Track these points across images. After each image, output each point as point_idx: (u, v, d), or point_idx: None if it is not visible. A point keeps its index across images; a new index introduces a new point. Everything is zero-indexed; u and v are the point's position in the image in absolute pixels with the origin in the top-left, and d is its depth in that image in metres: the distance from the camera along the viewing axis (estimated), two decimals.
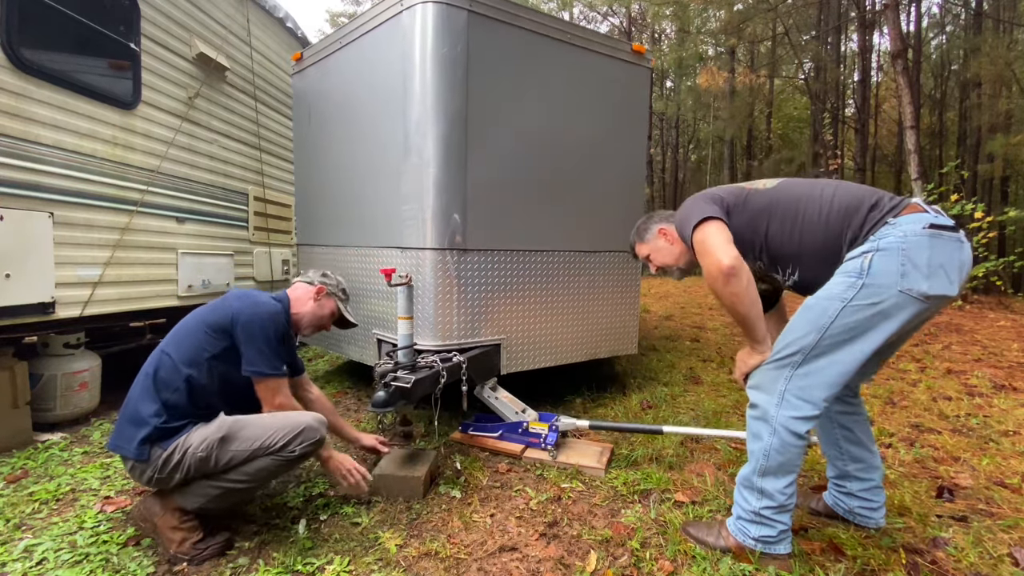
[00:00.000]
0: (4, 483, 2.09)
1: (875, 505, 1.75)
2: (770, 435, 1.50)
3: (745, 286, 1.47)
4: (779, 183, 1.67)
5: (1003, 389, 3.48)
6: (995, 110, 14.16)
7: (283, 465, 1.64)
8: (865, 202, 1.50)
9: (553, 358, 2.96)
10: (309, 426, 1.67)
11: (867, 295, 1.38)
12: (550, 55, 2.82)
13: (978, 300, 7.01)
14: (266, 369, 1.72)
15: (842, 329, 1.42)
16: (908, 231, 1.38)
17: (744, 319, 1.50)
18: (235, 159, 4.20)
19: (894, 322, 1.39)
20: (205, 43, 3.77)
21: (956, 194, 7.34)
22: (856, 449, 1.74)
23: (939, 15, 19.35)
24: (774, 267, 1.67)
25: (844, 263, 1.47)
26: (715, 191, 1.70)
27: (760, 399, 1.54)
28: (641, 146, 3.34)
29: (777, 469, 1.51)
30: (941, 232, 1.37)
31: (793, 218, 1.57)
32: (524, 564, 1.62)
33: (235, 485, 1.61)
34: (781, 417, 1.49)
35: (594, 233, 3.11)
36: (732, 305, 1.49)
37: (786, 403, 1.48)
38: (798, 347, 1.47)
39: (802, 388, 1.47)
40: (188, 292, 3.58)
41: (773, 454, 1.50)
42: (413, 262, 2.56)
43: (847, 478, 1.77)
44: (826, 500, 1.86)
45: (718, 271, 1.47)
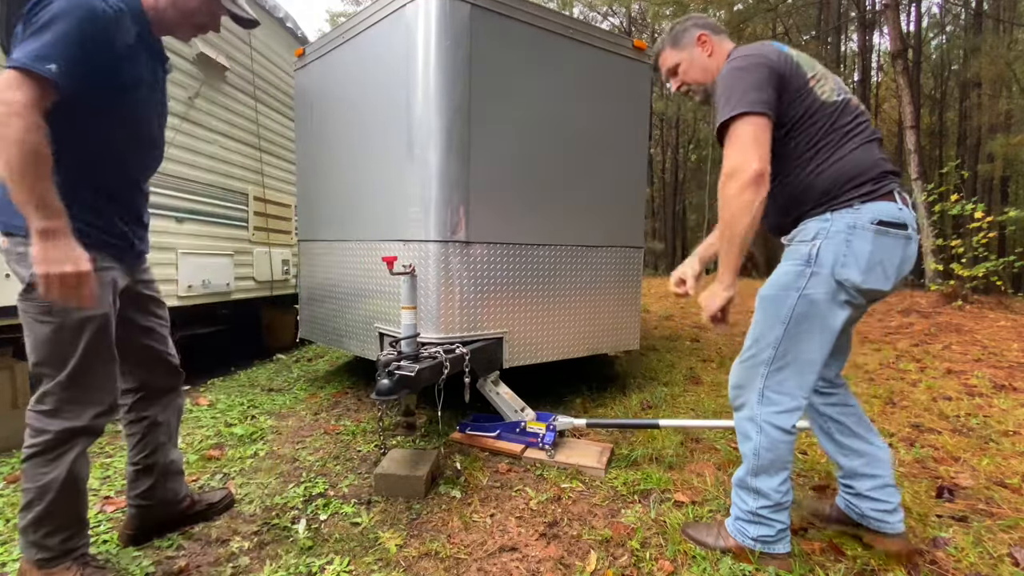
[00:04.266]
0: (4, 483, 2.09)
1: (889, 507, 1.59)
2: (757, 434, 1.50)
3: (760, 203, 1.34)
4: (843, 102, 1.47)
5: (1003, 389, 3.48)
6: (995, 110, 14.17)
7: None
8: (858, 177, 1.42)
9: (555, 352, 2.97)
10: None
11: (816, 283, 1.40)
12: (552, 50, 2.83)
13: (978, 300, 7.00)
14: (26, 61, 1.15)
15: (802, 319, 1.43)
16: (859, 222, 1.38)
17: (739, 241, 1.37)
18: (235, 159, 4.20)
19: (844, 309, 1.42)
20: (205, 43, 3.77)
21: (956, 194, 7.33)
22: (854, 442, 1.65)
23: (939, 15, 19.36)
24: None
25: (794, 245, 1.47)
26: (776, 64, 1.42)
27: (743, 399, 1.54)
28: (642, 142, 3.34)
29: (769, 466, 1.50)
30: (888, 230, 1.38)
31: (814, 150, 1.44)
32: (524, 564, 1.62)
33: None
34: (764, 414, 1.49)
35: (596, 228, 3.11)
36: (734, 219, 1.35)
37: (766, 400, 1.49)
38: (767, 342, 1.48)
39: (779, 383, 1.48)
40: (188, 292, 3.58)
41: (763, 452, 1.49)
42: (416, 255, 2.56)
43: (855, 477, 1.64)
44: (838, 504, 1.74)
45: (743, 172, 1.32)
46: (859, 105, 1.52)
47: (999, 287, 7.15)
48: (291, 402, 3.30)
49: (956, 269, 6.94)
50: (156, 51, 1.50)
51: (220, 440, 2.59)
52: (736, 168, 1.34)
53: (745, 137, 1.35)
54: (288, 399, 3.36)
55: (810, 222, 1.44)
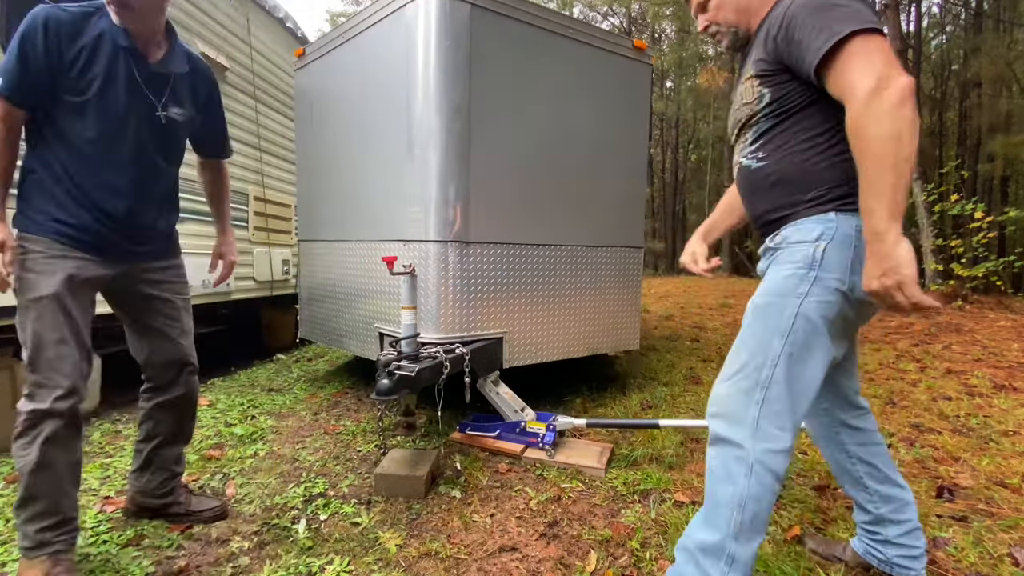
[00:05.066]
0: (4, 483, 2.09)
1: (916, 552, 1.43)
2: (747, 477, 1.15)
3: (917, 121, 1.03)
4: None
5: (1003, 389, 3.48)
6: (995, 110, 14.17)
7: None
8: None
9: (555, 352, 2.97)
10: None
11: (820, 290, 1.17)
12: (552, 49, 2.83)
13: (978, 300, 7.00)
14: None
15: (803, 332, 1.17)
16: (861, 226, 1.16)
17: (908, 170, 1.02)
18: (235, 159, 4.19)
19: (845, 323, 1.22)
20: (205, 43, 3.77)
21: (956, 194, 7.34)
22: (886, 488, 1.43)
23: (939, 15, 19.36)
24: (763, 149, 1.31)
25: (788, 246, 1.23)
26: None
27: (729, 431, 1.20)
28: (642, 142, 3.35)
29: (751, 524, 1.16)
30: None
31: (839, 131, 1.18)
32: (524, 564, 1.62)
33: None
34: (759, 452, 1.16)
35: (596, 228, 3.12)
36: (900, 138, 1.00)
37: (761, 433, 1.17)
38: (764, 359, 1.19)
39: (778, 412, 1.17)
40: None
41: (750, 504, 1.15)
42: (416, 255, 2.57)
43: (883, 523, 1.45)
44: (855, 548, 1.55)
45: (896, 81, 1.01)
46: None
47: (999, 287, 7.16)
48: (291, 402, 3.30)
49: (956, 269, 6.95)
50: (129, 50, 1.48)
51: (220, 440, 2.59)
52: (881, 80, 1.01)
53: (876, 52, 1.04)
54: (288, 399, 3.37)
55: (807, 220, 1.21)
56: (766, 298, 1.24)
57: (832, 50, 1.07)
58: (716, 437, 1.24)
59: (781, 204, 1.27)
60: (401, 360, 2.15)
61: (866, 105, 1.02)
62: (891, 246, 1.02)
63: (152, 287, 1.68)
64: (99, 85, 1.44)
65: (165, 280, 1.71)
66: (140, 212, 1.59)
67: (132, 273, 1.62)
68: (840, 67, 1.07)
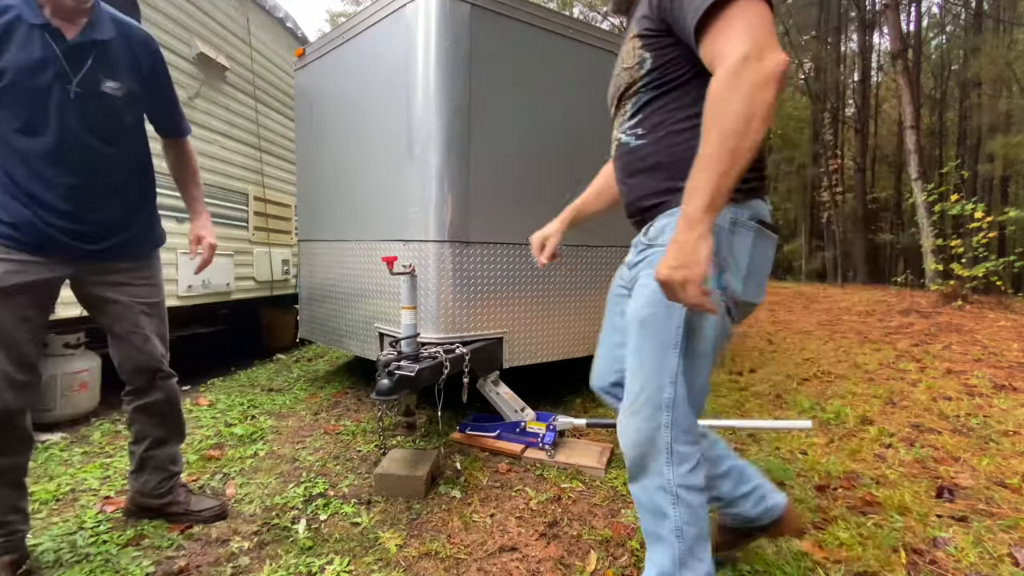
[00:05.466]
0: None
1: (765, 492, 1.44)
2: (674, 506, 1.11)
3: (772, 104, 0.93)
4: None
5: (1003, 389, 3.48)
6: (995, 110, 14.18)
7: None
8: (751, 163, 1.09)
9: (555, 352, 2.97)
10: None
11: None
12: (552, 49, 2.83)
13: (978, 300, 7.00)
14: None
15: (693, 338, 1.11)
16: (740, 219, 1.09)
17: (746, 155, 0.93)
18: (235, 159, 4.20)
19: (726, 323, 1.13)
20: (205, 43, 3.77)
21: (956, 194, 7.34)
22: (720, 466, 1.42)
23: (939, 15, 19.36)
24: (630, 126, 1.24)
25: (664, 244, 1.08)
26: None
27: (645, 464, 1.14)
28: None
29: (694, 545, 1.11)
30: (767, 232, 1.13)
31: None
32: (524, 564, 1.62)
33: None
34: (678, 478, 1.11)
35: (597, 227, 3.10)
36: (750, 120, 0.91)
37: (676, 456, 1.11)
38: (663, 379, 1.10)
39: (685, 429, 1.12)
40: (188, 292, 3.58)
41: (686, 529, 1.11)
42: (416, 254, 2.57)
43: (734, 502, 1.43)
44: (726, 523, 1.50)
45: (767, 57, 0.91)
46: None
47: (999, 287, 7.16)
48: (291, 402, 3.30)
49: (956, 269, 6.95)
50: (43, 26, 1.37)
51: (220, 440, 2.59)
52: (753, 51, 0.91)
53: (758, 20, 0.94)
54: (288, 399, 3.37)
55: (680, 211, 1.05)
56: (651, 308, 1.11)
57: (713, 11, 0.96)
58: (634, 472, 1.16)
59: (657, 190, 1.17)
60: (401, 360, 2.15)
61: (734, 74, 0.92)
62: (695, 239, 0.94)
63: (109, 290, 1.57)
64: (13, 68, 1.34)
65: (124, 283, 1.60)
66: (85, 204, 1.47)
67: (83, 275, 1.53)
68: (716, 30, 0.97)
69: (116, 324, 1.62)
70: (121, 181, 1.57)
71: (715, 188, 0.93)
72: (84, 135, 1.45)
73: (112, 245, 1.55)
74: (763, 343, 5.31)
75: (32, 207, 1.40)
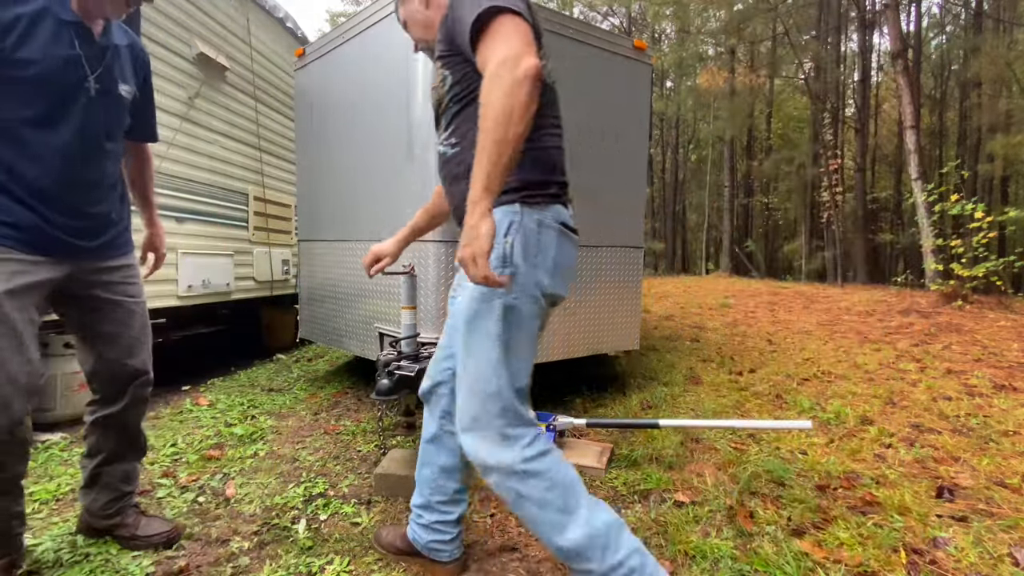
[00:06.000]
0: None
1: (448, 537, 1.50)
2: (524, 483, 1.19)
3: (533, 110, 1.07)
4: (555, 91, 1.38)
5: (1003, 389, 3.48)
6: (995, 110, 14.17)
7: None
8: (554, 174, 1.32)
9: (555, 352, 2.97)
10: None
11: (518, 288, 1.20)
12: (552, 49, 2.80)
13: (978, 300, 7.00)
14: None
15: (512, 330, 1.21)
16: (545, 220, 1.24)
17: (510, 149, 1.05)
18: (235, 159, 4.20)
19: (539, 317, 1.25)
20: (205, 43, 3.77)
21: (956, 194, 7.34)
22: (448, 481, 1.51)
23: (939, 15, 19.37)
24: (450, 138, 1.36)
25: None
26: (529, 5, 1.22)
27: (489, 456, 1.20)
28: (642, 142, 3.35)
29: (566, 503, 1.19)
30: (569, 234, 1.29)
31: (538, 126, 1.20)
32: (524, 564, 1.62)
33: None
34: (518, 461, 1.19)
35: (596, 228, 3.11)
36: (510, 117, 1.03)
37: (511, 440, 1.20)
38: (489, 371, 1.20)
39: (516, 414, 1.21)
40: (188, 292, 3.58)
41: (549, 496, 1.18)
42: (416, 254, 2.57)
43: (428, 509, 1.52)
44: (408, 535, 1.57)
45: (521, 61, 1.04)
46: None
47: (999, 287, 7.16)
48: (291, 402, 3.30)
49: (956, 269, 6.95)
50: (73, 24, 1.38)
51: (220, 440, 2.59)
52: (508, 58, 1.04)
53: (515, 32, 1.09)
54: (288, 399, 3.37)
55: (496, 212, 1.17)
56: (473, 305, 1.22)
57: (480, 27, 1.11)
58: (483, 467, 1.23)
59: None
60: (401, 360, 2.15)
61: (493, 75, 1.05)
62: (477, 218, 1.05)
63: (102, 289, 1.54)
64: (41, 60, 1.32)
65: (116, 281, 1.57)
66: (89, 200, 1.48)
67: (79, 274, 1.49)
68: (483, 42, 1.12)
69: (104, 324, 1.56)
70: (115, 177, 1.59)
71: (488, 174, 1.05)
72: (99, 133, 1.47)
73: (106, 241, 1.55)
74: (763, 343, 5.31)
75: (37, 204, 1.37)
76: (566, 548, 1.18)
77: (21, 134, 1.35)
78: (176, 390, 3.48)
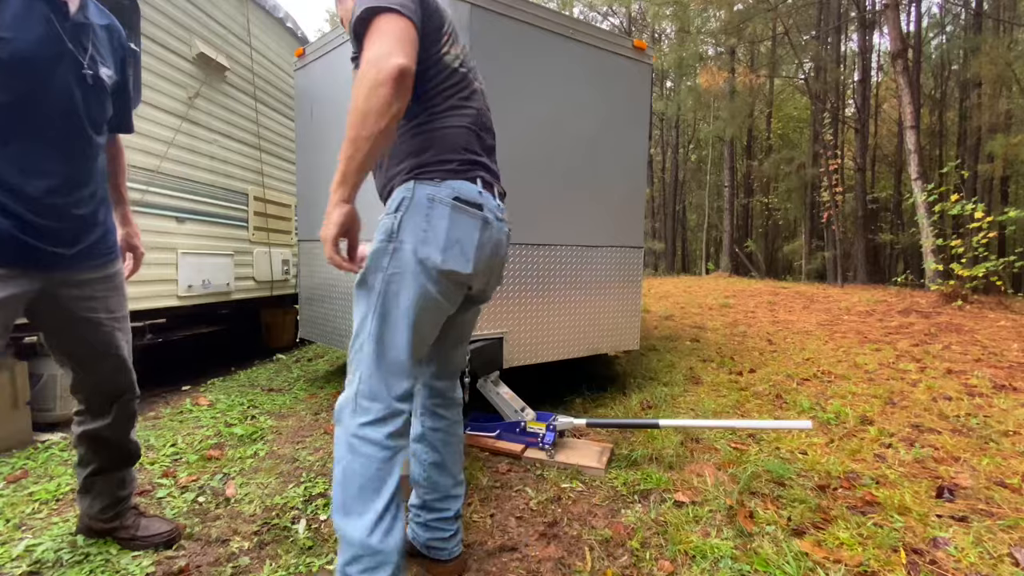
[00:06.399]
0: (4, 483, 2.09)
1: (447, 534, 1.52)
2: (349, 452, 1.19)
3: (398, 109, 1.10)
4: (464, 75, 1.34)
5: (1003, 389, 3.48)
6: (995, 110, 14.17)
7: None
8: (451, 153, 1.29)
9: (556, 352, 2.97)
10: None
11: (399, 261, 1.22)
12: (552, 49, 2.83)
13: (978, 300, 7.00)
14: None
15: (388, 305, 1.22)
16: (438, 195, 1.24)
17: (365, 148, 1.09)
18: (235, 159, 4.20)
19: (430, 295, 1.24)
20: (205, 43, 3.77)
21: (956, 194, 7.34)
22: (441, 477, 1.51)
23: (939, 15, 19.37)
24: None
25: (380, 221, 1.29)
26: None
27: (338, 411, 1.24)
28: (642, 142, 3.35)
29: (358, 494, 1.17)
30: (464, 207, 1.26)
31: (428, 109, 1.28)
32: (524, 564, 1.62)
33: None
34: (353, 427, 1.20)
35: (596, 228, 3.12)
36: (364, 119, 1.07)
37: (358, 408, 1.21)
38: (362, 337, 1.24)
39: (371, 387, 1.21)
40: (188, 292, 3.58)
41: (352, 477, 1.18)
42: None
43: (424, 508, 1.53)
44: (408, 535, 1.56)
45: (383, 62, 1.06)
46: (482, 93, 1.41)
47: (999, 287, 7.16)
48: (291, 402, 3.30)
49: (956, 269, 6.94)
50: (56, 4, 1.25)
51: (220, 440, 2.59)
52: (375, 58, 1.07)
53: (390, 31, 1.11)
54: (288, 399, 3.37)
55: (397, 191, 1.28)
56: (362, 274, 1.27)
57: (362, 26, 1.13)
58: (335, 413, 1.27)
59: (387, 177, 1.35)
60: None
61: (360, 75, 1.08)
62: (331, 207, 1.15)
63: (79, 306, 1.39)
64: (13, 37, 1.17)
65: (96, 296, 1.42)
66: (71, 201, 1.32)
67: (54, 288, 1.33)
68: (364, 40, 1.14)
69: (79, 345, 1.44)
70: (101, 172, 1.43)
71: (343, 169, 1.12)
72: (83, 122, 1.32)
73: (85, 248, 1.38)
74: (763, 343, 5.31)
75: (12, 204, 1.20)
76: (336, 524, 1.19)
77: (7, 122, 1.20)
78: (176, 390, 3.48)
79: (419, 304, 1.23)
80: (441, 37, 1.27)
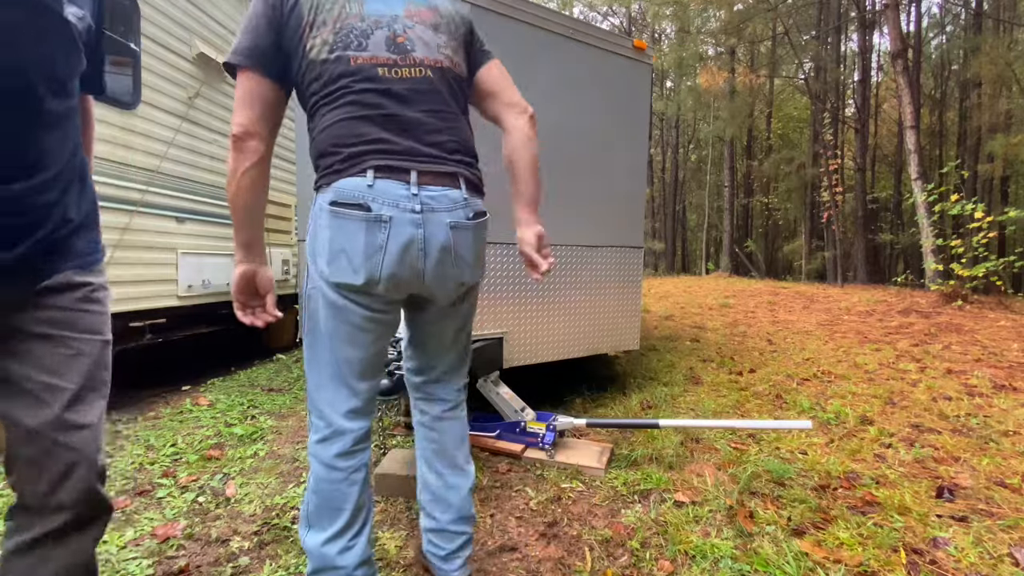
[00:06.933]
0: (4, 483, 2.09)
1: (443, 552, 1.38)
2: (312, 465, 1.21)
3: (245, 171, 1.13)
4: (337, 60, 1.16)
5: (1003, 389, 3.48)
6: (995, 110, 14.17)
7: None
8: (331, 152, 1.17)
9: (555, 352, 2.97)
10: None
11: (312, 280, 1.21)
12: (552, 49, 2.83)
13: (978, 300, 7.00)
14: None
15: (310, 317, 1.21)
16: (323, 204, 1.16)
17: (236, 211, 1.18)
18: None
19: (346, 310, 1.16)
20: (205, 43, 3.77)
21: (956, 194, 7.34)
22: (433, 478, 1.44)
23: (939, 15, 19.37)
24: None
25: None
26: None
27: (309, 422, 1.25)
28: (642, 142, 3.35)
29: (316, 511, 1.18)
30: (340, 211, 1.12)
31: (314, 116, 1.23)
32: (524, 564, 1.62)
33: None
34: (310, 442, 1.21)
35: (596, 228, 3.12)
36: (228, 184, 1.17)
37: (312, 426, 1.22)
38: (307, 357, 1.23)
39: (315, 402, 1.20)
40: (188, 292, 3.58)
41: (311, 494, 1.19)
42: None
43: (423, 513, 1.46)
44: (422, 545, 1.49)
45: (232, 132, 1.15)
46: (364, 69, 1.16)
47: (999, 287, 7.16)
48: (291, 402, 3.30)
49: (956, 269, 6.94)
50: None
51: (220, 440, 2.59)
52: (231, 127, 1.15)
53: (237, 93, 1.15)
54: (288, 399, 3.37)
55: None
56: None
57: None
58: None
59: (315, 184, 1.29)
60: (401, 360, 2.15)
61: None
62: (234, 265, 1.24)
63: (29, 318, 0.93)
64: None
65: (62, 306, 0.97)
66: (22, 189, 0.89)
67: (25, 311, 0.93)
68: None
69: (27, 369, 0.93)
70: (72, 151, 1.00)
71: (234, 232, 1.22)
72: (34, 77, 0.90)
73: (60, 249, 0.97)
74: (763, 343, 5.31)
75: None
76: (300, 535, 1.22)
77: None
78: (176, 390, 3.48)
79: (335, 319, 1.17)
80: (302, 33, 1.15)
